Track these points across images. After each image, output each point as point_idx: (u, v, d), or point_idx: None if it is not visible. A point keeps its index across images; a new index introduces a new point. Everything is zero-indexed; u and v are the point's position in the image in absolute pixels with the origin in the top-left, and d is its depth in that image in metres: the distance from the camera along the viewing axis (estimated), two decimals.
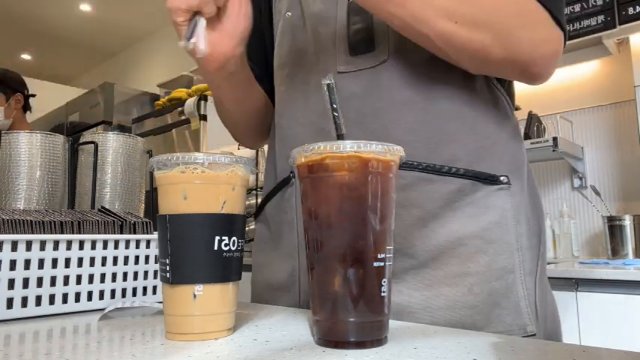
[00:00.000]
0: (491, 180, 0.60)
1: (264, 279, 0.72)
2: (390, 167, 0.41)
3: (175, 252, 0.43)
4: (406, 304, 0.57)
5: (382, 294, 0.40)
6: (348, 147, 0.40)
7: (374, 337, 0.40)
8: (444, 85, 0.61)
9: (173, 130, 2.92)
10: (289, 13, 0.71)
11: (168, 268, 0.43)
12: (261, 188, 2.65)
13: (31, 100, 2.35)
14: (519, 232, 0.60)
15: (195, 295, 0.43)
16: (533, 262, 0.62)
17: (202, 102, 2.79)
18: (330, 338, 0.40)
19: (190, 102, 2.82)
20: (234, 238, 0.44)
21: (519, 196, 0.63)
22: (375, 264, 0.40)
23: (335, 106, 0.42)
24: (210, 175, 0.44)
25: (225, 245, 0.44)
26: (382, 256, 0.40)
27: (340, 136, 0.43)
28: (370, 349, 0.39)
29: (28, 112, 2.34)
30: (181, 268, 0.43)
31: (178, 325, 0.43)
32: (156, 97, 3.62)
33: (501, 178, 0.60)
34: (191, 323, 0.43)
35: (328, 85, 0.43)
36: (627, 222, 1.95)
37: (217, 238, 0.43)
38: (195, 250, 0.43)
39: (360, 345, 0.39)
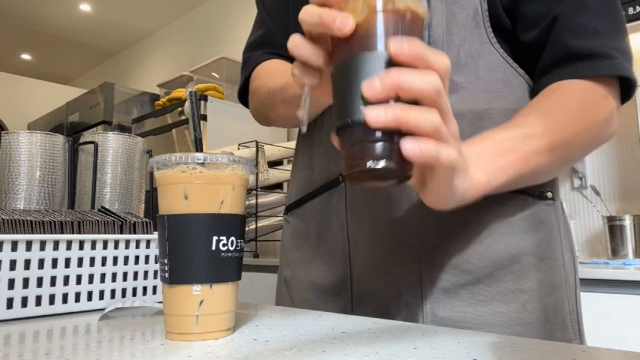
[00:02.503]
0: (540, 195, 0.61)
1: (308, 278, 0.70)
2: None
3: (173, 252, 0.43)
4: (460, 319, 0.58)
5: None
6: None
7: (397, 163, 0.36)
8: (501, 98, 0.61)
9: (173, 130, 2.92)
10: None
11: (166, 268, 0.43)
12: (262, 188, 2.64)
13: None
14: (563, 248, 0.62)
15: (193, 295, 0.43)
16: (572, 277, 0.63)
17: (202, 102, 2.79)
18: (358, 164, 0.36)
19: (187, 107, 2.82)
20: (232, 238, 0.44)
21: (561, 211, 0.64)
22: None
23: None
24: (210, 175, 0.44)
25: (224, 245, 0.44)
26: None
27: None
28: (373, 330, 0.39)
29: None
30: (179, 268, 0.43)
31: (178, 325, 0.43)
32: (156, 97, 3.62)
33: (547, 193, 0.61)
34: (190, 323, 0.43)
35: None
36: (627, 222, 1.95)
37: (215, 238, 0.43)
38: (193, 250, 0.43)
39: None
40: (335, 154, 0.43)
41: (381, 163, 0.35)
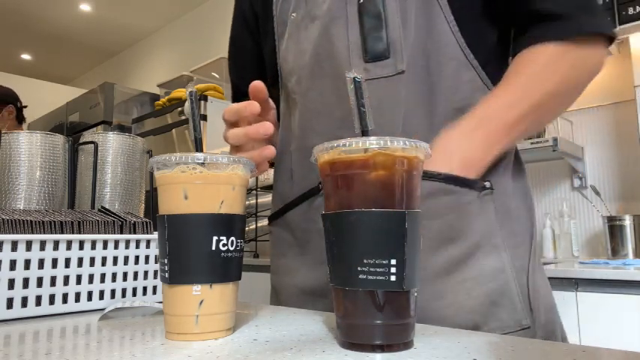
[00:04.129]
0: (476, 186, 0.61)
1: (294, 283, 0.71)
2: (414, 165, 0.41)
3: (173, 252, 0.43)
4: (423, 317, 0.57)
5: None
6: (374, 143, 0.39)
7: (400, 341, 0.39)
8: (460, 97, 0.63)
9: (173, 130, 2.91)
10: (294, 15, 0.69)
11: (166, 268, 0.43)
12: (262, 188, 2.65)
13: (30, 103, 2.46)
14: (505, 233, 0.62)
15: (193, 295, 0.43)
16: (524, 259, 0.64)
17: (202, 102, 2.79)
18: (354, 341, 0.39)
19: (187, 106, 2.80)
20: (232, 238, 0.44)
21: (503, 198, 0.64)
22: None
23: (363, 100, 0.41)
24: (210, 175, 0.44)
25: (224, 245, 0.43)
26: None
27: (365, 132, 0.42)
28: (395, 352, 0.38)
29: (23, 124, 2.49)
30: (179, 268, 0.43)
31: (178, 325, 0.43)
32: (156, 97, 3.62)
33: (485, 183, 0.61)
34: (190, 323, 0.43)
35: (355, 78, 0.42)
36: (627, 222, 1.95)
37: (215, 238, 0.43)
38: (193, 250, 0.43)
39: (388, 348, 0.38)
40: (312, 163, 0.45)
41: (386, 341, 0.39)
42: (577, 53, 0.62)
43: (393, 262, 0.38)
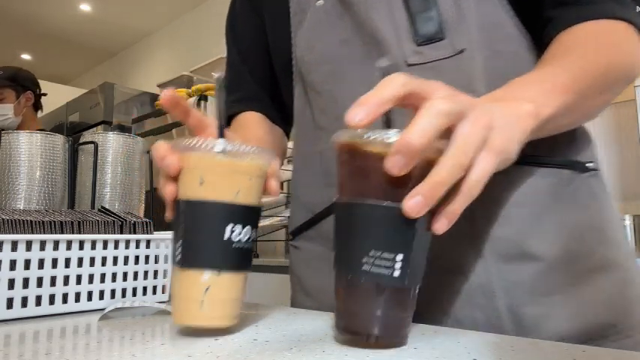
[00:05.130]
0: (583, 167, 0.57)
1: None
2: (432, 162, 0.39)
3: (187, 236, 0.43)
4: (545, 314, 0.52)
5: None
6: (395, 138, 0.37)
7: (395, 334, 0.39)
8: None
9: (173, 130, 2.91)
10: (320, 2, 0.64)
11: (179, 251, 0.44)
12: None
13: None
14: (615, 221, 0.59)
15: (202, 281, 0.43)
16: (632, 256, 0.60)
17: (202, 102, 2.78)
18: (351, 328, 0.40)
19: (190, 102, 2.82)
20: (246, 228, 0.44)
21: (604, 181, 0.60)
22: None
23: None
24: (229, 163, 0.43)
25: (237, 235, 0.44)
26: None
27: (389, 124, 0.40)
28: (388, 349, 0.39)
29: (39, 112, 2.31)
30: (191, 252, 0.43)
31: (185, 309, 0.44)
32: (156, 97, 3.62)
33: (588, 164, 0.57)
34: (197, 308, 0.43)
35: (383, 68, 0.40)
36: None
37: (229, 227, 0.43)
38: (206, 237, 0.43)
39: (382, 339, 0.39)
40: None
41: (381, 333, 0.39)
42: (612, 33, 0.55)
43: (400, 257, 0.38)
